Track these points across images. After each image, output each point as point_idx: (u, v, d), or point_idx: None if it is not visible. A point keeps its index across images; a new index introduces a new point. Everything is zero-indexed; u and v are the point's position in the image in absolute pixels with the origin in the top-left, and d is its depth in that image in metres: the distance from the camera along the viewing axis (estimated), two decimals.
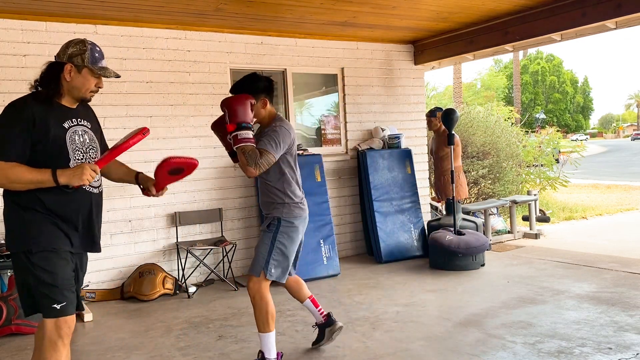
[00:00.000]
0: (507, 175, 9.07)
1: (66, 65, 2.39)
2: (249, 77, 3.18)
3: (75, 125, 2.42)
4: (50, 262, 2.30)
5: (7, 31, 4.63)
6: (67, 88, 2.41)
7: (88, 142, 2.47)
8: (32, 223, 2.31)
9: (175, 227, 5.36)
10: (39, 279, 2.28)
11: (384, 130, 6.45)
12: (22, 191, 2.30)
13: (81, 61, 2.39)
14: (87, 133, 2.48)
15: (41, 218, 2.32)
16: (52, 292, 2.29)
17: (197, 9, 4.81)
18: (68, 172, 2.30)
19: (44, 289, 2.29)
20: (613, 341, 3.33)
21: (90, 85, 2.44)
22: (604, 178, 17.02)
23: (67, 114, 2.41)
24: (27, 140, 2.27)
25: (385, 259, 5.95)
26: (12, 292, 4.09)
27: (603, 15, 4.91)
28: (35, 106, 2.32)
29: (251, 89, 3.08)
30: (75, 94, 2.43)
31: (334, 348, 3.47)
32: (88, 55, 2.41)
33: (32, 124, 2.28)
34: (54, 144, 2.33)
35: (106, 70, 2.48)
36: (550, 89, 55.15)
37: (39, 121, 2.29)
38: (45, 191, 2.31)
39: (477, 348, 3.33)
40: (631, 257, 5.70)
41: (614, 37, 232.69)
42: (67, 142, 2.36)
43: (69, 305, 2.35)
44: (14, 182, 2.26)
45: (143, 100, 5.18)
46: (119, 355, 3.56)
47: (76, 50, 2.41)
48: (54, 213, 2.34)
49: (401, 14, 5.44)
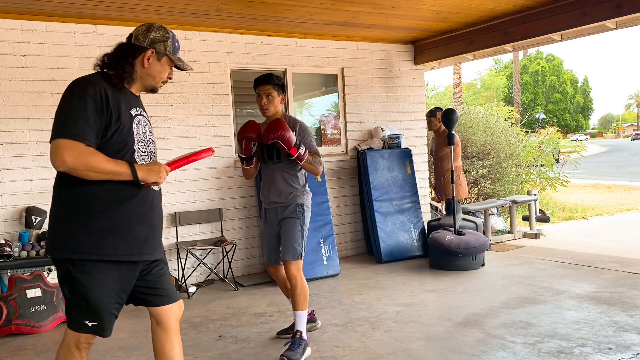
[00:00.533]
0: (507, 175, 9.07)
1: (147, 50, 2.18)
2: (275, 75, 3.45)
3: (138, 115, 2.21)
4: (89, 274, 2.05)
5: (7, 31, 4.63)
6: (141, 74, 2.21)
7: (149, 135, 2.26)
8: (82, 226, 2.05)
9: (175, 227, 5.36)
10: (76, 291, 2.06)
11: (384, 130, 6.45)
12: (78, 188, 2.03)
13: (163, 48, 2.21)
14: (148, 125, 2.28)
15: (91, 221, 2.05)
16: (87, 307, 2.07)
17: (197, 9, 4.81)
18: (144, 167, 2.11)
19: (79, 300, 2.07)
20: (613, 341, 3.33)
21: (164, 75, 2.27)
22: (604, 178, 17.02)
23: (133, 101, 2.22)
24: (100, 123, 2.02)
25: (385, 259, 5.95)
26: (12, 292, 4.10)
27: (603, 15, 4.91)
28: (107, 86, 2.09)
29: (281, 85, 3.45)
30: (147, 82, 2.25)
31: (333, 348, 3.47)
32: (170, 44, 2.24)
33: (106, 105, 2.04)
34: (123, 132, 2.09)
35: (184, 62, 2.32)
36: (550, 89, 55.14)
37: (111, 103, 2.05)
38: (116, 186, 2.07)
39: (477, 348, 3.33)
40: (631, 257, 5.70)
41: (614, 37, 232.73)
42: (133, 131, 2.14)
43: (102, 327, 2.11)
44: (90, 171, 1.98)
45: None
46: (119, 355, 3.56)
47: (159, 36, 2.21)
48: (125, 211, 2.09)
49: (401, 14, 5.44)
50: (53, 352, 3.65)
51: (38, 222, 4.61)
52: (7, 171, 4.67)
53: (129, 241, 2.11)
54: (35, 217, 4.59)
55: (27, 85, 4.72)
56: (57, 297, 4.24)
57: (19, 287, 4.12)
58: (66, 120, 1.98)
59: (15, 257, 4.35)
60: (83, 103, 2.00)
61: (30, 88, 4.73)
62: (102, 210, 2.06)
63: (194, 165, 5.46)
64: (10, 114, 4.66)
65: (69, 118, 1.98)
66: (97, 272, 2.05)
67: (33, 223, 4.58)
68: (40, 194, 4.77)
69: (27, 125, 4.73)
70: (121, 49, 2.22)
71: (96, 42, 4.95)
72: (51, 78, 4.79)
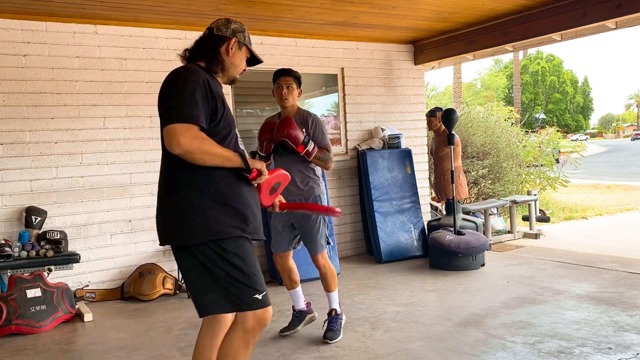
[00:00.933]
0: (507, 175, 9.07)
1: (231, 39, 2.23)
2: (293, 70, 3.64)
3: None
4: (244, 249, 2.08)
5: (7, 31, 4.63)
6: (226, 64, 2.24)
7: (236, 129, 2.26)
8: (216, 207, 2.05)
9: None
10: (238, 268, 2.05)
11: (384, 130, 6.45)
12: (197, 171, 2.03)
13: (242, 38, 2.26)
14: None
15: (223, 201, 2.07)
16: (252, 281, 2.08)
17: (197, 9, 4.81)
18: (249, 159, 2.13)
19: (244, 279, 2.07)
20: (613, 341, 3.33)
21: (243, 65, 2.30)
22: (604, 178, 17.02)
23: (222, 91, 2.20)
24: (208, 108, 2.04)
25: (385, 259, 5.95)
26: (12, 292, 4.10)
27: (603, 15, 4.91)
28: (206, 74, 2.11)
29: (300, 80, 3.65)
30: (230, 72, 2.27)
31: (333, 348, 3.47)
32: (247, 35, 2.30)
33: (209, 91, 2.06)
34: (227, 117, 2.11)
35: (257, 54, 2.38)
36: (550, 89, 55.15)
37: (213, 90, 2.07)
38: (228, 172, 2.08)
39: (477, 348, 3.33)
40: (631, 257, 5.70)
41: (614, 37, 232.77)
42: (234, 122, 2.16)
43: (268, 295, 2.15)
44: (205, 154, 1.99)
45: (143, 100, 5.18)
46: (119, 355, 3.56)
47: (239, 27, 2.28)
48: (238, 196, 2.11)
49: (401, 14, 5.44)
50: (53, 352, 3.65)
51: (38, 222, 4.61)
52: (7, 171, 4.67)
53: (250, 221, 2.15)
54: (35, 217, 4.59)
55: (27, 85, 4.72)
56: (57, 297, 4.24)
57: (19, 287, 4.13)
58: (178, 105, 2.00)
59: (15, 257, 4.35)
60: (191, 88, 2.01)
61: (30, 88, 4.73)
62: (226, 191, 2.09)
63: None
64: (10, 114, 4.66)
65: (181, 103, 2.00)
66: (245, 245, 2.11)
67: (33, 223, 4.58)
68: (40, 194, 4.77)
69: (27, 125, 4.73)
70: (205, 41, 2.26)
71: (96, 42, 4.94)
72: (51, 78, 4.79)
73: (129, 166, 5.16)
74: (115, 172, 5.10)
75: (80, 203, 4.95)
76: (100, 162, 5.03)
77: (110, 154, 5.08)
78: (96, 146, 5.02)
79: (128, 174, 5.16)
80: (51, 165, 4.83)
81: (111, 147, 5.08)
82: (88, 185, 4.98)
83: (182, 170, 2.06)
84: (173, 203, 2.09)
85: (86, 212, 4.98)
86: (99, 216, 5.04)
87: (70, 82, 4.86)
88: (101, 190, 5.04)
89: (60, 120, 4.85)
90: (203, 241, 2.04)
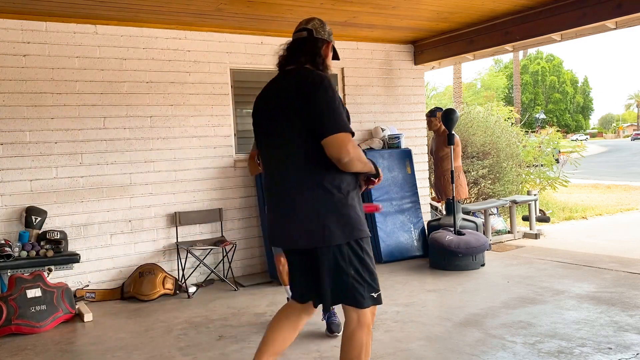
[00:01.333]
0: (507, 175, 9.07)
1: (330, 43, 2.31)
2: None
3: None
4: (371, 248, 2.25)
5: (7, 31, 4.63)
6: (327, 66, 2.32)
7: None
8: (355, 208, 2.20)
9: (175, 227, 5.36)
10: (367, 267, 2.19)
11: (384, 130, 6.45)
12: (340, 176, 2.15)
13: (332, 40, 2.35)
14: None
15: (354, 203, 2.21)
16: (374, 279, 2.24)
17: (197, 9, 4.81)
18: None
19: (369, 277, 2.21)
20: (613, 341, 3.33)
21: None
22: (604, 178, 17.02)
23: None
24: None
25: (385, 259, 5.95)
26: (12, 292, 4.10)
27: (603, 15, 4.91)
28: None
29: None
30: (327, 73, 2.32)
31: (333, 348, 3.46)
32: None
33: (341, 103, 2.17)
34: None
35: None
36: (550, 89, 55.14)
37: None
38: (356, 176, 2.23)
39: (477, 348, 3.33)
40: (631, 257, 5.70)
41: (614, 37, 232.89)
42: None
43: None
44: (358, 161, 2.13)
45: (143, 100, 5.18)
46: (119, 355, 3.56)
47: (329, 30, 2.34)
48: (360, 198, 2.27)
49: (401, 14, 5.44)
50: (53, 352, 3.65)
51: (38, 222, 4.61)
52: (7, 171, 4.67)
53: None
54: (35, 217, 4.59)
55: (27, 85, 4.72)
56: (57, 297, 4.24)
57: (19, 287, 4.13)
58: (338, 115, 2.10)
59: (15, 257, 4.36)
60: (337, 98, 2.14)
61: (30, 88, 4.73)
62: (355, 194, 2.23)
63: (194, 165, 5.47)
64: (10, 114, 4.66)
65: (338, 113, 2.10)
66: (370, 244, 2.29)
67: (33, 223, 4.58)
68: (40, 194, 4.78)
69: (27, 125, 4.73)
70: (308, 44, 2.29)
71: (96, 42, 4.94)
72: (51, 78, 4.79)
73: (129, 166, 5.16)
74: (115, 172, 5.10)
75: (80, 203, 4.95)
76: (100, 162, 5.04)
77: (110, 154, 5.08)
78: (96, 146, 5.02)
79: (128, 174, 5.16)
80: (51, 165, 4.83)
81: (111, 147, 5.08)
82: (88, 185, 4.98)
83: (324, 175, 2.15)
84: (315, 207, 2.16)
85: (86, 212, 4.98)
86: (99, 216, 5.04)
87: (70, 82, 4.86)
88: (101, 190, 5.05)
89: (60, 120, 4.85)
90: (347, 241, 2.17)
